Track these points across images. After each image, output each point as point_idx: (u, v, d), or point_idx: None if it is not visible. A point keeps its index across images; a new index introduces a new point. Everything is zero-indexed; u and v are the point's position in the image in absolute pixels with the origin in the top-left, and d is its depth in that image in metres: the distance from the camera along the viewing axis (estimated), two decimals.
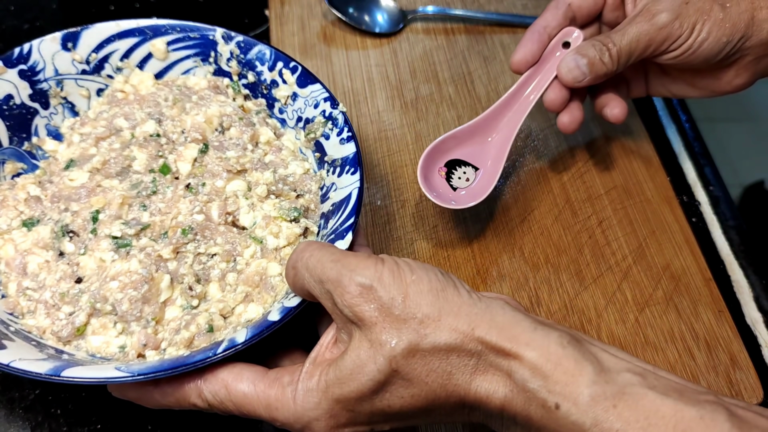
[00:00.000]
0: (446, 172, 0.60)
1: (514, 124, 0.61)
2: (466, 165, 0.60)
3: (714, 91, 0.61)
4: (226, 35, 0.62)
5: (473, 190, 0.59)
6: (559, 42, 0.61)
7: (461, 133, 0.60)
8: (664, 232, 0.64)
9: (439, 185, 0.59)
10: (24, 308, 0.51)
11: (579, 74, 0.58)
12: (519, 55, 0.61)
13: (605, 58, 0.57)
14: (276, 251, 0.54)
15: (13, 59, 0.58)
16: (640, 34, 0.56)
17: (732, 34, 0.55)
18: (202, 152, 0.57)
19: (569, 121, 0.62)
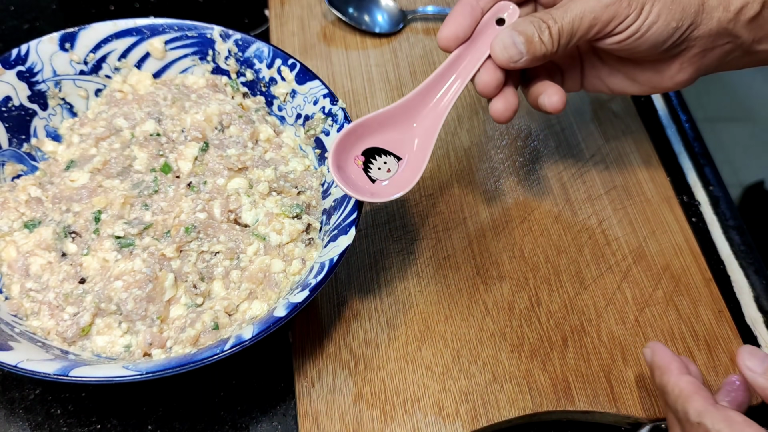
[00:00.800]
0: (363, 161, 0.53)
1: (443, 108, 0.54)
2: (387, 154, 0.53)
3: (655, 86, 0.57)
4: (224, 33, 0.62)
5: (396, 182, 0.53)
6: (493, 18, 0.54)
7: (381, 117, 0.53)
8: (664, 232, 0.64)
9: (355, 176, 0.52)
10: (28, 309, 0.51)
11: (515, 53, 0.51)
12: (448, 29, 0.53)
13: (545, 37, 0.51)
14: (279, 248, 0.54)
15: (11, 60, 0.58)
16: (584, 12, 0.50)
17: (682, 19, 0.51)
18: (202, 150, 0.57)
19: (504, 108, 0.54)
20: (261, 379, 0.55)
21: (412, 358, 0.55)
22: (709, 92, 1.73)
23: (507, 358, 0.55)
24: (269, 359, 0.56)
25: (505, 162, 0.68)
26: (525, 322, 0.57)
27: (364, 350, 0.55)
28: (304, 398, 0.53)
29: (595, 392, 0.54)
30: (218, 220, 0.54)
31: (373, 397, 0.53)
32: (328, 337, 0.56)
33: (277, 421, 0.53)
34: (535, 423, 0.55)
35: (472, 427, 0.52)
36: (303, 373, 0.54)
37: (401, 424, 0.52)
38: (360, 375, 0.54)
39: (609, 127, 0.72)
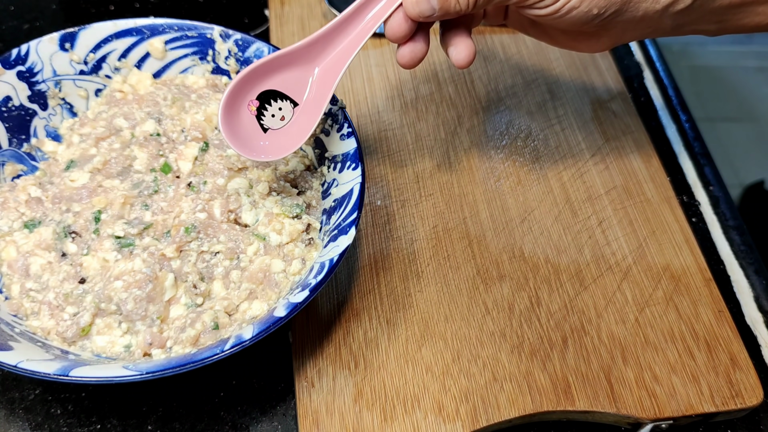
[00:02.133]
0: (257, 107, 0.50)
1: (347, 54, 0.51)
2: (284, 99, 0.51)
3: (570, 47, 0.57)
4: (224, 33, 0.62)
5: (288, 133, 0.50)
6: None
7: (282, 58, 0.50)
8: (664, 232, 0.64)
9: (247, 125, 0.49)
10: (28, 309, 0.51)
11: (427, 8, 0.49)
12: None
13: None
14: (279, 248, 0.54)
15: (11, 60, 0.58)
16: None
17: (606, 8, 0.49)
18: (202, 150, 0.57)
19: (410, 56, 0.52)
20: (261, 379, 0.55)
21: (412, 358, 0.55)
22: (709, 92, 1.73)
23: (507, 358, 0.55)
24: (269, 359, 0.56)
25: (505, 162, 0.68)
26: (525, 322, 0.57)
27: (364, 350, 0.55)
28: (304, 398, 0.53)
29: (595, 392, 0.54)
30: (218, 220, 0.54)
31: (373, 397, 0.53)
32: (328, 337, 0.56)
33: (277, 421, 0.53)
34: (535, 423, 0.55)
35: (472, 427, 0.52)
36: (303, 373, 0.54)
37: (401, 424, 0.52)
38: (360, 375, 0.54)
39: (609, 127, 0.72)
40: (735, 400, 0.54)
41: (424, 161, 0.67)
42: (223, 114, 0.48)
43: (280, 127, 0.50)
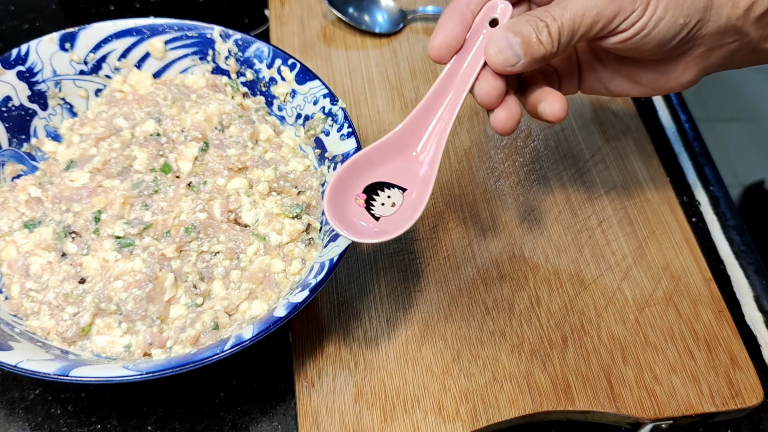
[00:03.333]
0: (365, 199, 0.49)
1: (444, 128, 0.50)
2: (391, 187, 0.49)
3: (658, 87, 0.53)
4: (224, 33, 0.62)
5: (401, 216, 0.48)
6: (484, 19, 0.49)
7: (380, 148, 0.49)
8: (664, 232, 0.64)
9: (357, 217, 0.48)
10: (28, 309, 0.51)
11: (512, 56, 0.47)
12: (438, 40, 0.49)
13: (543, 37, 0.46)
14: (279, 248, 0.54)
15: (11, 60, 0.58)
16: (585, 8, 0.46)
17: (690, 15, 0.47)
18: (202, 150, 0.57)
19: (507, 118, 0.49)
20: (261, 379, 0.55)
21: (412, 358, 0.55)
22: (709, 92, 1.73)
23: (507, 358, 0.55)
24: (269, 359, 0.56)
25: (505, 162, 0.68)
26: (525, 322, 0.57)
27: (364, 350, 0.55)
28: (304, 398, 0.53)
29: (595, 392, 0.54)
30: (218, 220, 0.54)
31: (373, 397, 0.53)
32: (328, 337, 0.56)
33: (277, 421, 0.53)
34: (535, 423, 0.55)
35: (472, 427, 0.52)
36: (303, 373, 0.54)
37: (401, 424, 0.52)
38: (360, 375, 0.54)
39: (609, 127, 0.72)
40: (735, 400, 0.54)
41: None
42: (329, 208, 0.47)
43: (391, 214, 0.49)
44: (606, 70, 0.54)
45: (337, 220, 0.46)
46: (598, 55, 0.54)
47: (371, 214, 0.48)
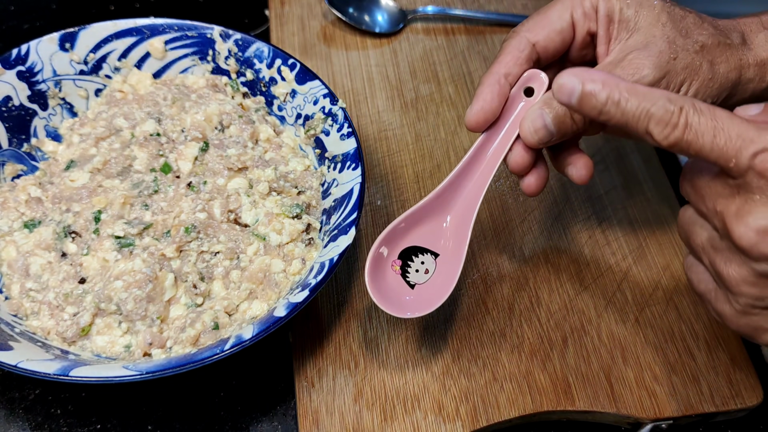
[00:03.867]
0: (401, 265, 0.50)
1: (476, 196, 0.51)
2: (424, 252, 0.51)
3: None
4: (224, 33, 0.62)
5: (435, 284, 0.50)
6: (521, 88, 0.51)
7: (414, 215, 0.50)
8: (664, 232, 0.64)
9: (393, 285, 0.50)
10: (28, 309, 0.51)
11: (545, 135, 0.48)
12: (476, 110, 0.50)
13: (576, 116, 0.47)
14: (279, 248, 0.54)
15: (11, 60, 0.58)
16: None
17: (718, 95, 0.49)
18: (202, 150, 0.57)
19: (537, 184, 0.51)
20: (261, 379, 0.55)
21: (412, 358, 0.55)
22: None
23: (507, 358, 0.55)
24: (269, 359, 0.56)
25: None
26: (525, 322, 0.57)
27: (364, 350, 0.55)
28: (304, 398, 0.53)
29: (595, 392, 0.54)
30: (218, 220, 0.54)
31: (373, 397, 0.53)
32: (328, 337, 0.56)
33: (277, 421, 0.53)
34: (535, 423, 0.55)
35: (472, 427, 0.52)
36: (303, 373, 0.54)
37: (401, 424, 0.52)
38: (360, 375, 0.54)
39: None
40: (735, 400, 0.54)
41: (424, 161, 0.67)
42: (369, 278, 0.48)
43: (425, 281, 0.51)
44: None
45: (377, 293, 0.48)
46: None
47: (407, 281, 0.50)
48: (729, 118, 0.38)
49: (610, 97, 0.40)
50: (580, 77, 0.40)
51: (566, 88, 0.41)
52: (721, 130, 0.37)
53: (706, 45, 0.48)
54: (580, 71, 0.41)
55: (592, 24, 0.51)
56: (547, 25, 0.51)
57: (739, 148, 0.37)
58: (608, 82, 0.40)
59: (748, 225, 0.37)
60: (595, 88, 0.40)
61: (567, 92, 0.41)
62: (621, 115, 0.40)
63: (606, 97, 0.40)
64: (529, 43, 0.51)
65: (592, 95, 0.40)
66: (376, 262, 0.49)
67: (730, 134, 0.37)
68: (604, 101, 0.40)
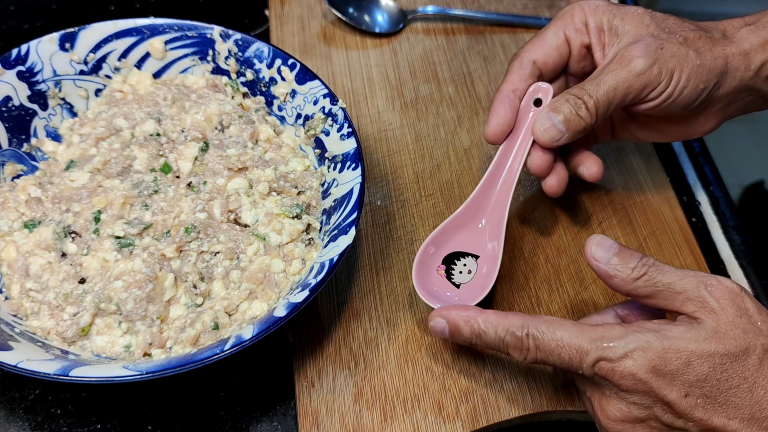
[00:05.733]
0: (445, 269, 0.56)
1: (504, 201, 0.56)
2: (465, 255, 0.56)
3: (681, 136, 0.60)
4: (224, 33, 0.62)
5: (477, 282, 0.55)
6: (530, 101, 0.57)
7: (451, 224, 0.56)
8: (664, 232, 0.64)
9: (440, 287, 0.55)
10: (28, 309, 0.51)
11: (556, 133, 0.54)
12: (493, 124, 0.56)
13: (582, 112, 0.53)
14: (279, 248, 0.54)
15: (11, 60, 0.58)
16: (617, 83, 0.52)
17: (708, 81, 0.53)
18: (202, 151, 0.57)
19: (558, 184, 0.57)
20: (261, 379, 0.55)
21: (412, 358, 0.55)
22: None
23: (507, 357, 0.55)
24: (269, 359, 0.56)
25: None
26: None
27: (364, 350, 0.55)
28: (304, 398, 0.53)
29: None
30: (218, 220, 0.54)
31: (373, 397, 0.53)
32: (328, 337, 0.56)
33: (277, 421, 0.53)
34: (535, 423, 0.55)
35: (472, 427, 0.52)
36: (303, 373, 0.54)
37: (401, 424, 0.52)
38: (360, 375, 0.54)
39: None
40: None
41: (424, 161, 0.67)
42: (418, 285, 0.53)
43: (469, 281, 0.56)
44: (635, 123, 0.61)
45: (426, 295, 0.53)
46: (630, 113, 0.59)
47: (452, 282, 0.55)
48: (567, 332, 0.44)
49: (472, 331, 0.48)
50: (445, 317, 0.49)
51: (437, 329, 0.49)
52: (563, 347, 0.44)
53: (689, 38, 0.53)
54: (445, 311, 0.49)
55: (584, 37, 0.57)
56: (544, 44, 0.57)
57: (580, 360, 0.44)
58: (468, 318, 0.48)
59: (609, 417, 0.45)
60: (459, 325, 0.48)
61: (438, 331, 0.49)
62: (486, 344, 0.48)
63: (470, 332, 0.48)
64: (530, 61, 0.57)
65: (459, 332, 0.48)
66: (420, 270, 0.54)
67: (571, 349, 0.44)
68: (468, 335, 0.48)
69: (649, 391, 0.43)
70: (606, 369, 0.43)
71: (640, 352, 0.42)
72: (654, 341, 0.43)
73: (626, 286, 0.46)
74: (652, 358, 0.42)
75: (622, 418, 0.44)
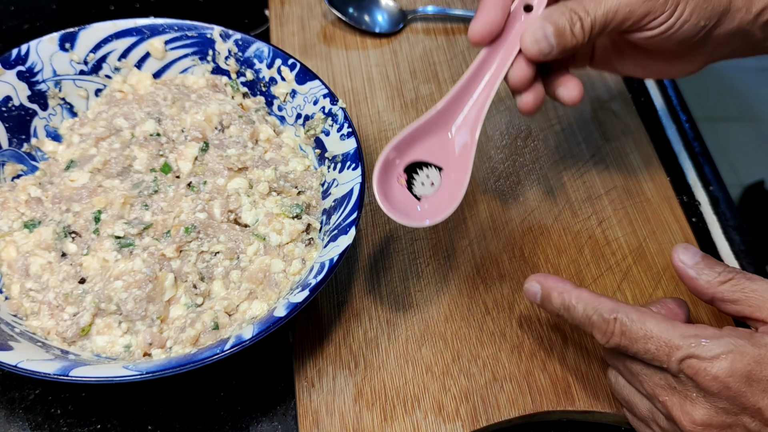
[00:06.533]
0: (406, 179, 0.51)
1: (480, 109, 0.52)
2: (428, 166, 0.52)
3: (661, 74, 0.58)
4: (224, 33, 0.62)
5: (441, 197, 0.51)
6: (521, 4, 0.52)
7: (417, 129, 0.51)
8: (664, 232, 0.64)
9: (400, 197, 0.50)
10: (28, 309, 0.51)
11: (546, 46, 0.50)
12: (479, 24, 0.51)
13: (576, 29, 0.50)
14: (279, 248, 0.54)
15: (11, 60, 0.58)
16: (619, 5, 0.49)
17: (710, 18, 0.51)
18: (202, 150, 0.57)
19: (534, 101, 0.53)
20: (261, 379, 0.55)
21: (412, 358, 0.55)
22: (709, 92, 1.73)
23: (507, 358, 0.55)
24: (269, 359, 0.56)
25: (505, 162, 0.68)
26: (525, 322, 0.57)
27: (364, 350, 0.55)
28: (304, 398, 0.53)
29: (595, 392, 0.54)
30: (218, 220, 0.54)
31: (373, 397, 0.53)
32: (328, 337, 0.56)
33: (277, 421, 0.53)
34: (535, 423, 0.55)
35: (472, 427, 0.52)
36: (303, 373, 0.54)
37: (401, 424, 0.52)
38: (360, 375, 0.54)
39: (609, 127, 0.72)
40: None
41: None
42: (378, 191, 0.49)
43: (432, 193, 0.52)
44: (617, 53, 0.58)
45: (386, 202, 0.49)
46: (615, 41, 0.57)
47: (413, 194, 0.51)
48: (657, 325, 0.44)
49: (563, 302, 0.48)
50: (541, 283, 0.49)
51: (530, 292, 0.50)
52: (651, 338, 0.44)
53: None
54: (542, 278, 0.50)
55: None
56: None
57: (668, 354, 0.43)
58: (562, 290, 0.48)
59: (695, 421, 0.43)
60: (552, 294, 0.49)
61: (531, 294, 0.50)
62: (571, 319, 0.48)
63: (560, 303, 0.48)
64: None
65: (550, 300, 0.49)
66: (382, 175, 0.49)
67: (659, 342, 0.43)
68: (558, 306, 0.48)
69: (739, 396, 0.42)
70: (695, 367, 0.42)
71: (736, 355, 0.42)
72: (749, 347, 0.42)
73: (711, 289, 0.47)
74: (748, 362, 0.41)
75: (709, 423, 0.43)
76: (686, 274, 0.48)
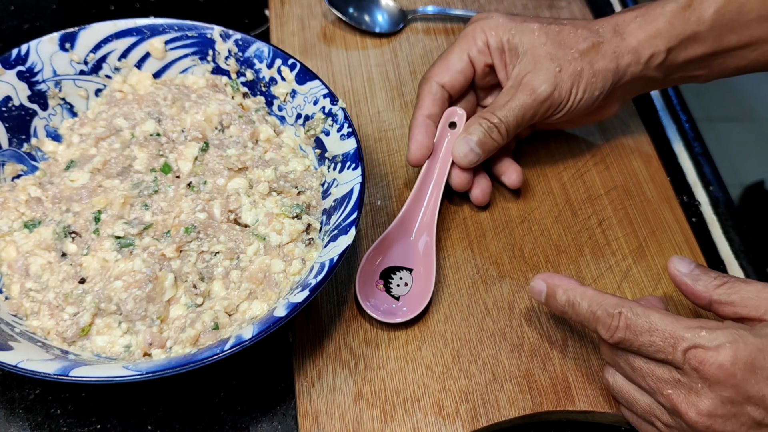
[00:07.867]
0: (383, 284, 0.58)
1: (432, 216, 0.60)
2: (400, 270, 0.59)
3: (592, 121, 0.66)
4: (224, 33, 0.62)
5: (415, 293, 0.58)
6: (446, 123, 0.62)
7: (384, 242, 0.59)
8: (664, 232, 0.64)
9: (381, 300, 0.57)
10: (28, 309, 0.51)
11: (473, 156, 0.59)
12: (414, 149, 0.61)
13: (494, 135, 0.59)
14: (279, 248, 0.54)
15: (11, 60, 0.58)
16: (524, 109, 0.59)
17: (603, 86, 0.60)
18: (202, 151, 0.57)
19: (482, 194, 0.62)
20: (261, 379, 0.55)
21: (412, 358, 0.55)
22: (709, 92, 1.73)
23: (507, 358, 0.55)
24: (269, 359, 0.56)
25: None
26: (525, 322, 0.57)
27: (364, 350, 0.55)
28: (304, 398, 0.53)
29: (595, 392, 0.54)
30: (218, 220, 0.54)
31: (373, 397, 0.53)
32: (328, 337, 0.56)
33: (277, 421, 0.53)
34: (535, 423, 0.55)
35: (472, 427, 0.52)
36: (303, 373, 0.54)
37: (401, 424, 0.52)
38: (360, 375, 0.54)
39: (609, 127, 0.72)
40: None
41: None
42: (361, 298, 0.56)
43: (407, 292, 0.58)
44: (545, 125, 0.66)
45: (370, 306, 0.56)
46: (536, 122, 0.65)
47: (392, 296, 0.58)
48: (662, 318, 0.45)
49: (567, 299, 0.50)
50: (546, 281, 0.51)
51: (536, 290, 0.52)
52: (656, 330, 0.45)
53: (583, 50, 0.59)
54: (548, 276, 0.51)
55: (487, 58, 0.62)
56: (450, 68, 0.62)
57: (674, 345, 0.44)
58: (566, 288, 0.50)
59: (700, 412, 0.44)
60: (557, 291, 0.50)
61: (536, 292, 0.52)
62: (576, 315, 0.49)
63: (565, 300, 0.50)
64: (439, 85, 0.61)
65: (554, 298, 0.50)
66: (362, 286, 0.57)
67: (664, 334, 0.44)
68: (563, 303, 0.50)
69: (744, 384, 0.43)
70: (700, 357, 0.43)
71: (740, 344, 0.43)
72: (751, 337, 0.43)
73: (707, 293, 0.48)
74: (751, 351, 0.43)
75: (714, 413, 0.43)
76: (683, 281, 0.50)
